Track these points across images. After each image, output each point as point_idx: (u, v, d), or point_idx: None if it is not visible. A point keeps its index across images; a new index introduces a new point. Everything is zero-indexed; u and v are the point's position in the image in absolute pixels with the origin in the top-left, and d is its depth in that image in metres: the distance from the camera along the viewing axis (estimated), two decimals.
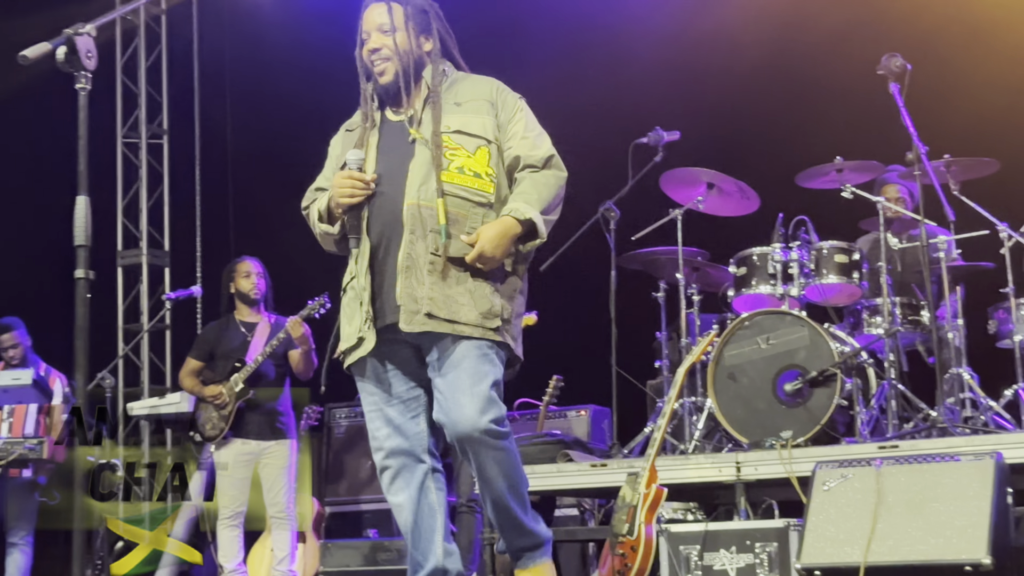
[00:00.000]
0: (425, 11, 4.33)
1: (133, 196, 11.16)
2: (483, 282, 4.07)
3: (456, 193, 4.09)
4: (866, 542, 5.19)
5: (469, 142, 4.17)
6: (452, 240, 4.04)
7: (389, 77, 4.21)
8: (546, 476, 6.76)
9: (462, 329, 4.02)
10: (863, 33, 7.98)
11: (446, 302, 4.01)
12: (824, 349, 6.29)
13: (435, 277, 4.02)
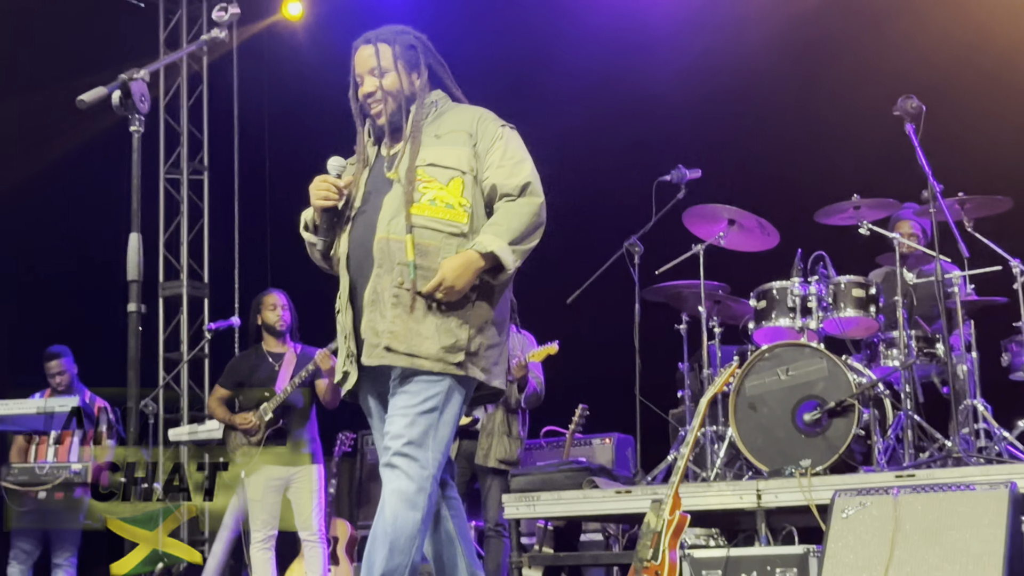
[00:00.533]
0: (413, 47, 4.25)
1: (174, 230, 11.26)
2: (451, 315, 3.93)
3: (428, 225, 3.97)
4: (884, 569, 5.18)
5: (442, 174, 4.03)
6: (420, 271, 3.93)
7: (384, 119, 4.14)
8: (572, 502, 6.76)
9: (421, 363, 3.90)
10: (880, 74, 7.99)
11: (407, 335, 3.90)
12: (842, 380, 6.29)
13: (399, 310, 3.91)
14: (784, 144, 8.63)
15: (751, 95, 8.86)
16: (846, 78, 8.41)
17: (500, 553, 7.30)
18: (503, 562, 7.23)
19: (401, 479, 3.89)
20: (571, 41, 9.72)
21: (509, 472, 7.28)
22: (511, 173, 4.08)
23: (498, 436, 7.40)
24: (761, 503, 6.03)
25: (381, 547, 3.88)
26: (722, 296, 7.32)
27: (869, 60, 8.41)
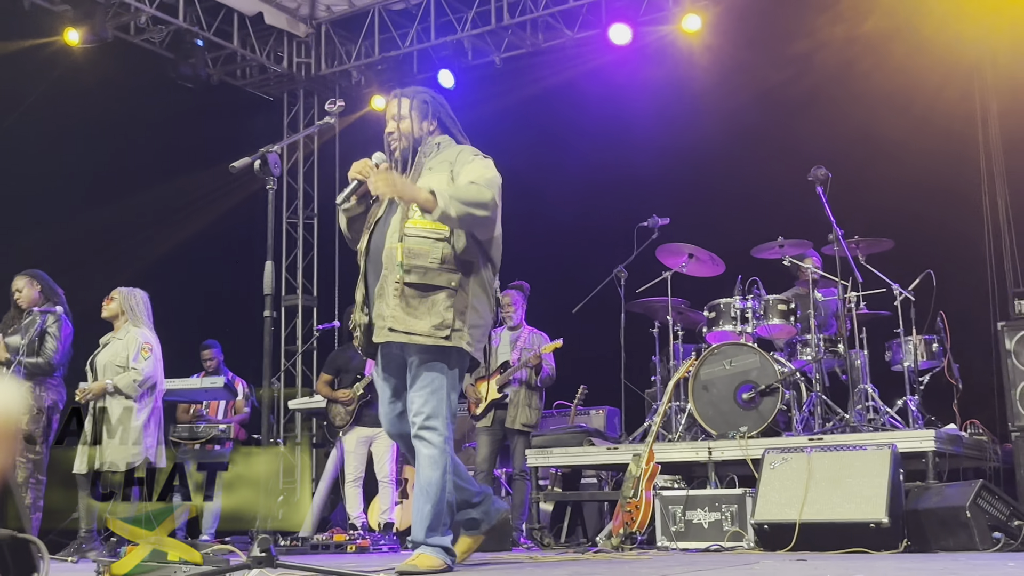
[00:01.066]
0: (427, 102, 4.11)
1: (293, 259, 11.31)
2: (439, 302, 3.83)
3: (418, 234, 3.86)
4: (800, 505, 5.18)
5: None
6: (414, 270, 3.83)
7: (398, 154, 4.06)
8: (576, 455, 6.77)
9: (417, 339, 3.81)
10: (797, 149, 7.98)
11: (405, 319, 3.81)
12: (770, 370, 6.28)
13: (398, 300, 3.82)
14: (729, 199, 8.63)
15: (704, 164, 8.85)
16: (772, 152, 8.40)
17: (523, 491, 7.29)
18: (526, 497, 7.22)
19: (427, 447, 3.84)
20: (574, 125, 9.75)
21: (530, 433, 7.29)
22: (478, 174, 3.93)
23: (522, 407, 7.40)
24: (711, 457, 6.04)
25: (421, 499, 3.85)
26: (683, 308, 7.31)
27: (789, 139, 8.39)
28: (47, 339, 6.30)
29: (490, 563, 4.70)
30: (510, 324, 7.65)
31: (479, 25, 9.93)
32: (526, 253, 9.49)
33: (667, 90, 9.36)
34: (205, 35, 9.86)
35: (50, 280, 6.59)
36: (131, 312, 6.45)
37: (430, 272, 3.84)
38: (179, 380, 7.44)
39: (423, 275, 3.84)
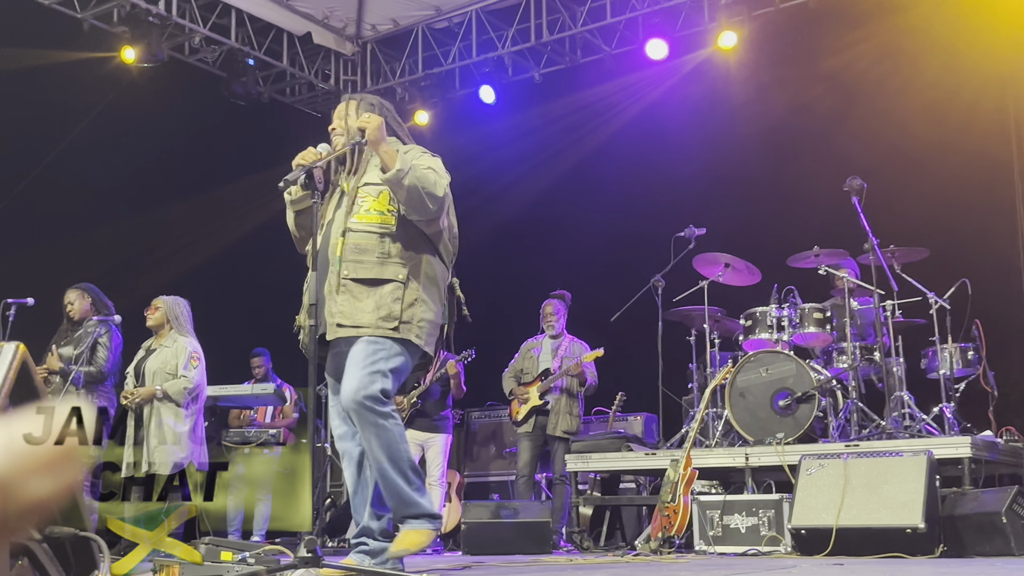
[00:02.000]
0: (372, 105, 3.99)
1: None
2: (385, 295, 3.70)
3: (364, 228, 3.75)
4: (837, 511, 5.12)
5: (374, 190, 3.80)
6: (360, 264, 3.71)
7: (339, 147, 3.91)
8: (615, 460, 6.75)
9: (363, 332, 3.67)
10: (833, 160, 7.92)
11: (352, 313, 3.67)
12: (806, 377, 6.22)
13: (345, 295, 3.69)
14: (765, 209, 8.57)
15: (740, 175, 8.82)
16: (808, 163, 8.34)
17: (564, 495, 7.27)
18: (566, 501, 7.20)
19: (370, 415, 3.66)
20: (612, 137, 9.76)
21: (570, 439, 7.27)
22: (437, 169, 3.77)
23: (563, 414, 7.40)
24: (748, 463, 5.98)
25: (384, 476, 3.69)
26: (720, 317, 7.26)
27: (824, 150, 8.34)
28: (98, 349, 6.46)
29: (531, 566, 4.69)
30: (552, 333, 7.65)
31: (519, 42, 9.97)
32: (565, 263, 9.56)
33: (703, 103, 9.34)
34: (256, 55, 9.98)
35: (100, 293, 6.75)
36: (176, 321, 6.55)
37: (376, 266, 3.72)
38: (231, 387, 7.52)
39: (369, 269, 3.71)
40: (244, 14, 9.74)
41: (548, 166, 10.08)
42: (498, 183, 10.23)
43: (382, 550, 3.80)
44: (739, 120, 9.01)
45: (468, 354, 7.66)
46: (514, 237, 10.22)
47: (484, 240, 10.06)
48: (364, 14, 10.45)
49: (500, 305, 9.71)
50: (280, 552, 3.46)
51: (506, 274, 10.09)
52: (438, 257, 3.88)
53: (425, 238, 3.82)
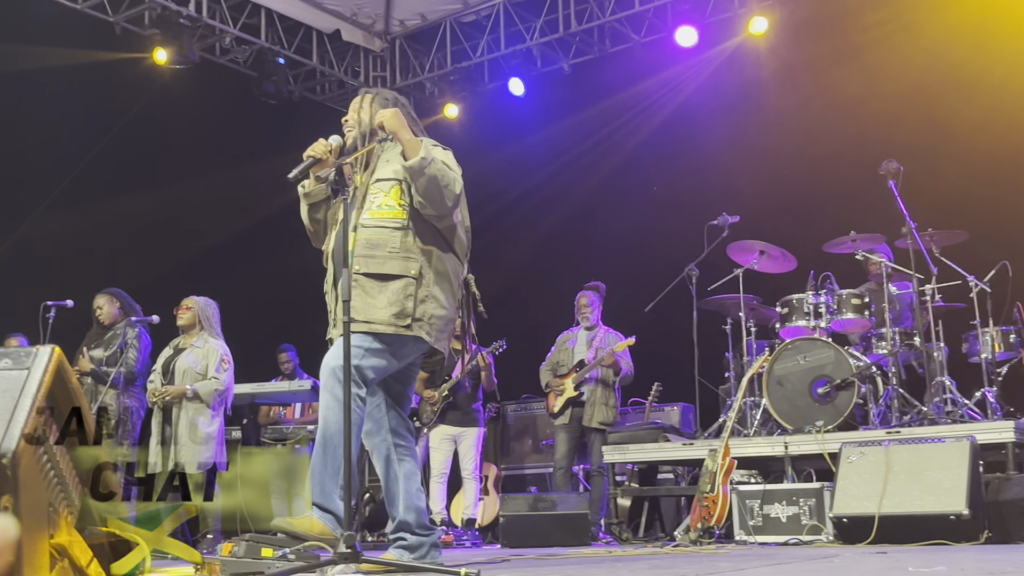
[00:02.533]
0: (387, 99, 3.94)
1: None
2: (397, 290, 3.66)
3: (376, 224, 3.73)
4: (879, 499, 5.06)
5: (384, 185, 3.78)
6: (371, 259, 3.68)
7: (349, 140, 3.89)
8: (652, 451, 6.71)
9: (376, 327, 3.63)
10: (869, 143, 7.82)
11: (364, 308, 3.63)
12: (845, 364, 6.14)
13: (358, 291, 3.63)
14: (799, 195, 8.47)
15: (773, 161, 8.72)
16: (842, 147, 8.24)
17: (601, 487, 7.25)
18: (604, 492, 7.18)
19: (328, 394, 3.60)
20: (642, 126, 9.71)
21: (607, 430, 7.24)
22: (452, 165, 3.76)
23: (599, 405, 7.38)
24: (788, 452, 5.93)
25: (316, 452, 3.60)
26: (756, 305, 7.19)
27: (858, 134, 8.23)
28: (129, 351, 6.63)
29: (571, 558, 4.68)
30: (586, 324, 7.63)
31: (547, 33, 9.93)
32: (598, 254, 9.52)
33: (733, 89, 9.26)
34: (286, 53, 10.02)
35: (128, 297, 6.92)
36: (207, 322, 6.64)
37: (387, 261, 3.69)
38: (269, 384, 7.57)
39: (381, 264, 3.68)
40: (274, 13, 9.79)
41: (579, 157, 10.04)
42: (529, 175, 10.21)
43: (420, 544, 3.79)
44: (770, 105, 8.92)
45: (499, 345, 7.66)
46: (547, 229, 10.19)
47: (517, 233, 10.06)
48: (392, 10, 10.46)
49: (534, 298, 9.70)
50: (320, 548, 3.46)
51: (540, 266, 10.07)
52: (451, 252, 3.84)
53: (438, 233, 3.80)
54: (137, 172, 8.87)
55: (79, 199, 8.49)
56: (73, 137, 8.62)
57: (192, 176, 9.14)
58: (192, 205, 9.12)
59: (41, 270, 8.10)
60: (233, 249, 9.54)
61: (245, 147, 9.58)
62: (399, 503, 3.79)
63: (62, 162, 8.55)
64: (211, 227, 9.37)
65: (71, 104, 8.48)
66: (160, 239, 8.96)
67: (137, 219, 8.76)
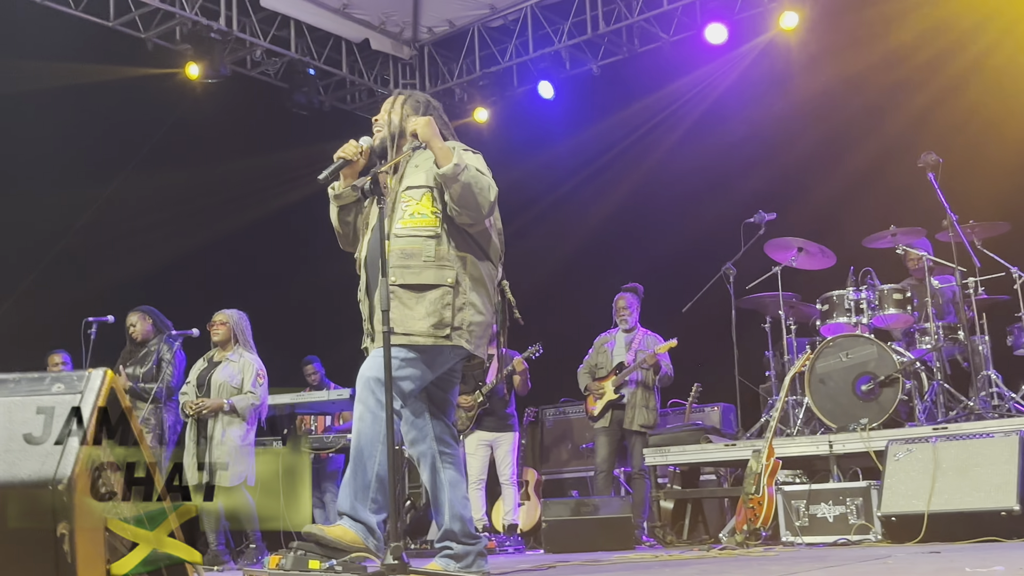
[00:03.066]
0: (419, 102, 3.93)
1: None
2: (436, 300, 3.63)
3: (410, 233, 3.68)
4: (928, 496, 4.98)
5: (416, 193, 3.73)
6: (407, 270, 3.64)
7: (377, 141, 3.87)
8: (694, 452, 6.65)
9: (416, 340, 3.61)
10: (906, 135, 7.73)
11: (403, 320, 3.59)
12: (888, 360, 6.06)
13: (395, 302, 3.57)
14: (837, 191, 8.38)
15: (809, 157, 8.65)
16: (882, 140, 8.15)
17: (643, 489, 7.21)
18: (646, 495, 7.14)
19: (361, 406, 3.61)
20: (674, 125, 9.65)
21: (647, 432, 7.20)
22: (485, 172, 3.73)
23: (639, 408, 7.34)
24: (833, 451, 5.85)
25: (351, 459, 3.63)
26: (795, 302, 7.12)
27: (895, 127, 8.15)
28: (164, 366, 6.70)
29: (616, 563, 4.64)
30: (625, 326, 7.59)
31: (576, 35, 9.91)
32: (634, 255, 9.47)
33: (766, 85, 9.18)
34: (316, 64, 10.08)
35: (160, 314, 7.00)
36: (241, 335, 6.70)
37: (423, 271, 3.65)
38: (308, 394, 7.60)
39: (416, 274, 3.64)
40: (303, 25, 9.84)
41: (611, 158, 10.00)
42: (561, 178, 10.19)
43: (467, 553, 3.77)
44: (803, 100, 8.83)
45: (535, 350, 7.63)
46: (581, 232, 10.16)
47: (550, 236, 10.03)
48: (420, 17, 10.48)
49: (570, 301, 9.66)
50: (367, 559, 3.46)
51: (574, 269, 10.04)
52: (486, 257, 3.81)
53: (471, 239, 3.76)
54: (170, 185, 8.93)
55: (115, 215, 8.57)
56: (107, 152, 8.70)
57: (224, 188, 9.20)
58: (223, 217, 9.19)
59: (80, 287, 8.19)
60: (262, 261, 9.59)
61: (277, 159, 9.63)
62: (445, 511, 3.78)
63: (98, 177, 8.63)
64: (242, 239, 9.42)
65: (105, 120, 8.56)
66: (192, 251, 9.02)
67: (171, 231, 8.84)
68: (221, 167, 9.25)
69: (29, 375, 1.30)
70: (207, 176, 9.17)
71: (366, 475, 3.57)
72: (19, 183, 8.02)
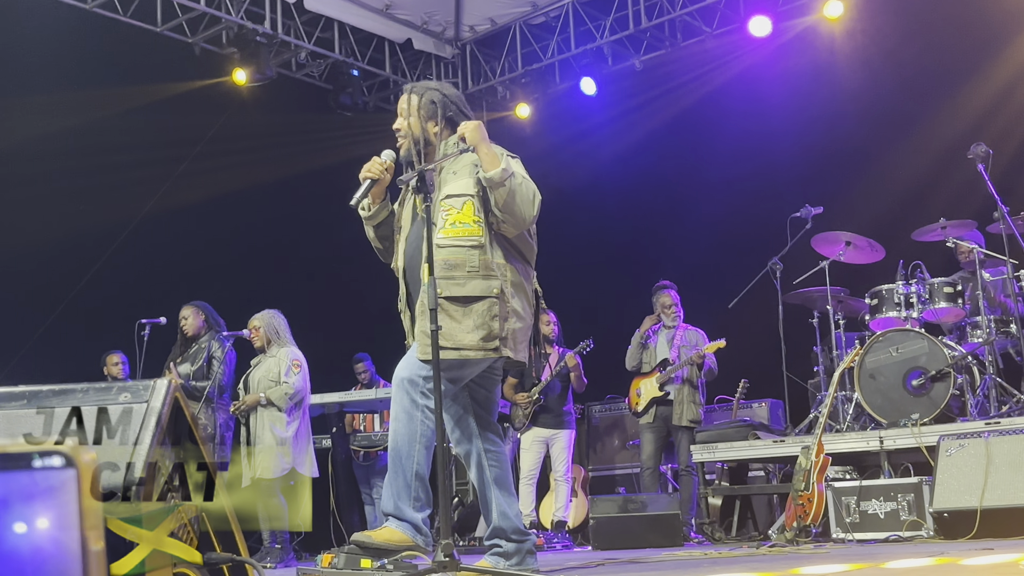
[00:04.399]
0: (434, 102, 3.81)
1: None
2: (483, 312, 3.58)
3: (452, 244, 3.60)
4: (981, 492, 4.92)
5: (456, 201, 3.64)
6: (451, 282, 3.56)
7: (403, 152, 3.78)
8: (742, 449, 6.63)
9: (466, 353, 3.57)
10: (955, 126, 7.61)
11: (451, 333, 3.54)
12: (939, 355, 5.98)
13: (443, 315, 3.50)
14: (884, 183, 8.28)
15: (855, 150, 8.57)
16: (931, 131, 8.03)
17: (691, 486, 7.19)
18: (693, 492, 7.12)
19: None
20: (718, 120, 9.57)
21: (694, 429, 7.18)
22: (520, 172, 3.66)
23: (687, 404, 7.32)
24: (883, 446, 5.79)
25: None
26: (843, 297, 7.06)
27: (942, 118, 8.02)
28: (214, 364, 6.76)
29: (666, 561, 4.64)
30: (673, 323, 7.56)
31: (617, 31, 9.88)
32: (678, 250, 9.41)
33: (810, 77, 9.09)
34: (360, 65, 10.16)
35: (213, 310, 7.06)
36: (275, 334, 6.78)
37: (468, 282, 3.59)
38: (357, 392, 7.68)
39: (462, 286, 3.58)
40: (346, 27, 9.93)
41: (654, 153, 9.96)
42: (604, 174, 10.17)
43: (516, 551, 3.79)
44: (849, 91, 8.75)
45: (586, 345, 7.64)
46: (623, 226, 10.13)
47: (593, 230, 10.02)
48: (461, 16, 10.52)
49: (612, 297, 9.65)
50: (417, 557, 3.49)
51: (616, 265, 10.01)
52: (524, 260, 3.78)
53: (511, 245, 3.74)
54: (218, 188, 9.05)
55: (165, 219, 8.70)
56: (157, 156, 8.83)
57: (271, 190, 9.32)
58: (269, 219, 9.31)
59: (132, 288, 8.34)
60: (310, 260, 9.69)
61: (321, 160, 9.73)
62: (492, 509, 3.79)
63: (149, 182, 8.77)
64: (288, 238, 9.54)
65: (154, 126, 8.70)
66: (240, 252, 9.14)
67: (218, 233, 8.97)
68: (267, 169, 9.36)
69: (96, 385, 1.34)
70: (256, 178, 9.28)
71: (406, 474, 3.62)
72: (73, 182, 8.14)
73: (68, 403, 1.32)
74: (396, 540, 3.55)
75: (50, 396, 1.33)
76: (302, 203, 9.52)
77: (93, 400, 1.31)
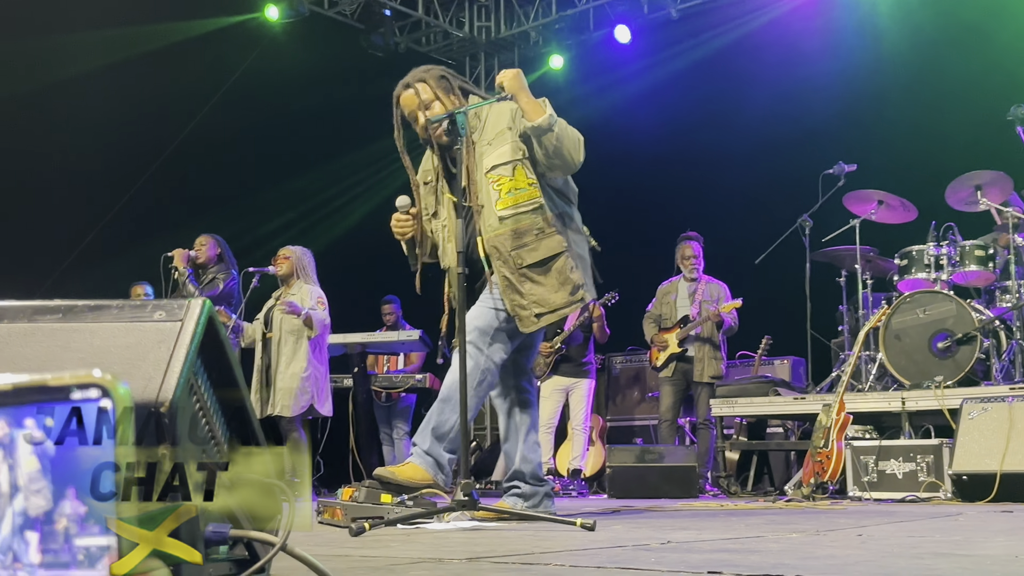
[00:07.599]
0: (444, 76, 3.84)
1: None
2: (563, 269, 3.66)
3: (515, 212, 3.64)
4: (1002, 455, 4.91)
5: (505, 169, 3.65)
6: (525, 248, 3.62)
7: (446, 139, 3.72)
8: (762, 405, 6.63)
9: (562, 312, 3.69)
10: (993, 86, 7.48)
11: (544, 298, 3.64)
12: (967, 318, 5.94)
13: (528, 284, 3.63)
14: (920, 142, 8.16)
15: (892, 107, 8.44)
16: (969, 89, 7.90)
17: (708, 440, 7.22)
18: (711, 446, 7.15)
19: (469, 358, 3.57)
20: (752, 73, 9.45)
21: (715, 383, 7.19)
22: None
23: (708, 360, 7.32)
24: (905, 407, 5.78)
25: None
26: (872, 256, 6.99)
27: (983, 78, 7.88)
28: (216, 281, 6.66)
29: (681, 511, 4.68)
30: (692, 275, 7.53)
31: None
32: (707, 204, 9.35)
33: (849, 30, 8.96)
34: (392, 5, 10.07)
35: (228, 248, 6.95)
36: (303, 271, 6.76)
37: (540, 244, 3.65)
38: (379, 333, 7.71)
39: (534, 251, 3.64)
40: None
41: (686, 104, 9.86)
42: (635, 123, 10.08)
43: (534, 493, 3.84)
44: (887, 46, 8.61)
45: (612, 296, 7.64)
46: (654, 177, 10.06)
47: (624, 180, 9.95)
48: None
49: (641, 247, 9.61)
50: (437, 495, 3.54)
51: (646, 216, 9.96)
52: (571, 204, 3.84)
53: (556, 192, 3.78)
54: (249, 127, 9.05)
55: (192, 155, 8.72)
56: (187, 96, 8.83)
57: (299, 131, 9.30)
58: (301, 161, 9.30)
59: (156, 223, 8.39)
60: (338, 201, 9.69)
61: (352, 100, 9.70)
62: (516, 453, 3.85)
63: (176, 123, 8.78)
64: (320, 181, 9.54)
65: (184, 68, 8.67)
66: (274, 194, 9.15)
67: (245, 174, 8.98)
68: (299, 107, 9.34)
69: (131, 302, 1.35)
70: (285, 117, 9.27)
71: (448, 416, 3.63)
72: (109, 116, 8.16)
73: (103, 319, 1.33)
74: (418, 478, 3.60)
75: (85, 311, 1.34)
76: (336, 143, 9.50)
77: (128, 316, 1.32)
